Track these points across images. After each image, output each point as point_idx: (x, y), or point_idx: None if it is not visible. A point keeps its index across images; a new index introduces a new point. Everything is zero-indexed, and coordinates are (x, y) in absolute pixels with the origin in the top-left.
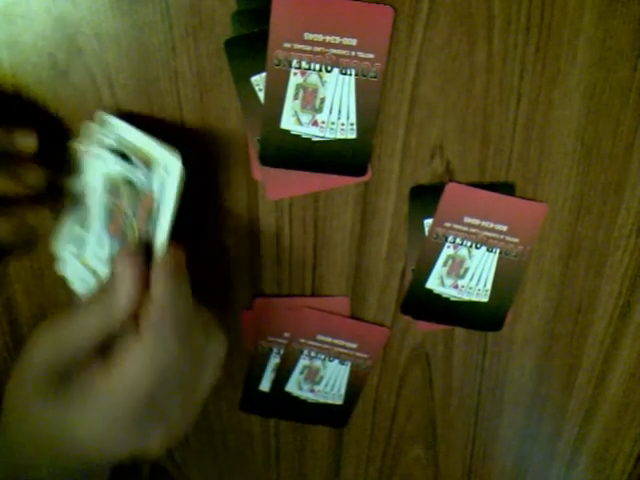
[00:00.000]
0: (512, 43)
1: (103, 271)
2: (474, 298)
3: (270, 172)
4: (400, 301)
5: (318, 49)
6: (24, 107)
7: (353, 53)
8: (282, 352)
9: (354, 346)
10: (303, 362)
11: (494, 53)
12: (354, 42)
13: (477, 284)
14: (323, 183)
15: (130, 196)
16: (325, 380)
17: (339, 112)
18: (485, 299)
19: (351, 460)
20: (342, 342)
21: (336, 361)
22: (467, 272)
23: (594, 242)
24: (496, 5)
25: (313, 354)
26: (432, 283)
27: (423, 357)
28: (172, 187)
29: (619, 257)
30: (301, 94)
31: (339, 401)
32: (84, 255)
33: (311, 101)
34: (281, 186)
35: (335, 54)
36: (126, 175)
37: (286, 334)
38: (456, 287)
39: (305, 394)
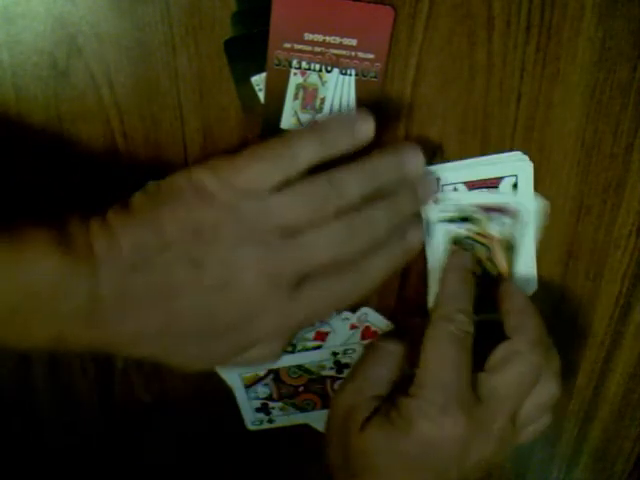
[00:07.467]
0: (512, 43)
1: None
2: None
3: None
4: (400, 301)
5: (318, 49)
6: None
7: (353, 53)
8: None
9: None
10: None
11: (494, 53)
12: (354, 42)
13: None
14: None
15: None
16: None
17: (339, 112)
18: None
19: None
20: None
21: None
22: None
23: (594, 242)
24: (496, 5)
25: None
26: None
27: None
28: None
29: (619, 257)
30: (301, 94)
31: None
32: None
33: (311, 101)
34: None
35: (335, 54)
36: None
37: None
38: None
39: None
